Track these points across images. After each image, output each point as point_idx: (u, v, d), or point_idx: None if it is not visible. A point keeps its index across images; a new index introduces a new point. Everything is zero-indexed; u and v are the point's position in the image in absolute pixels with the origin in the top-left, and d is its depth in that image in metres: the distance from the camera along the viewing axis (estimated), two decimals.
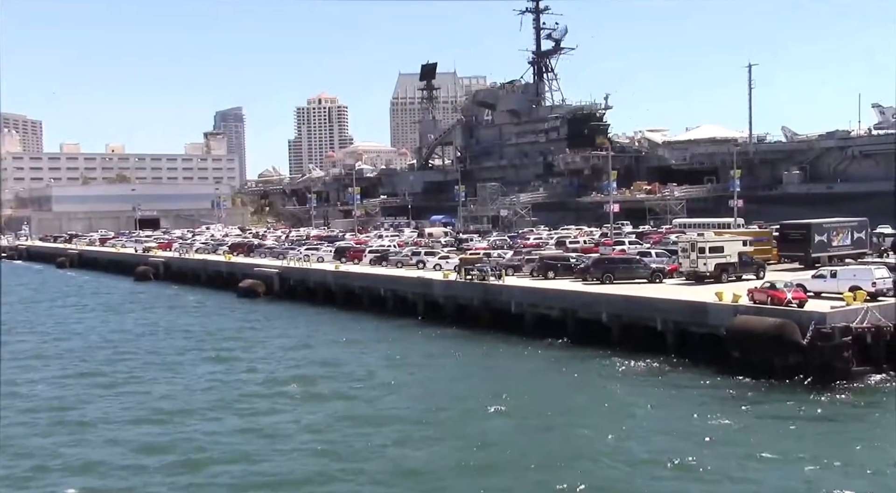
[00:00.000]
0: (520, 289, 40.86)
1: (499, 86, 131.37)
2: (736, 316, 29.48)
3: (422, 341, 40.16)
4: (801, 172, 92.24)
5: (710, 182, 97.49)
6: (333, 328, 45.15)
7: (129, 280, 76.51)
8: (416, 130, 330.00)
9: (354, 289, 52.32)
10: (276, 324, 47.60)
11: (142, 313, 54.21)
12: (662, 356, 32.21)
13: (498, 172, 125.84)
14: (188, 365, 36.25)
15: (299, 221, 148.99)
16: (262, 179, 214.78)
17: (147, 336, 44.56)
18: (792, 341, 27.10)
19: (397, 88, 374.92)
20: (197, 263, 73.80)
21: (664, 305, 33.20)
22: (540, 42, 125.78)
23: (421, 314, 45.90)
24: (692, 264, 39.69)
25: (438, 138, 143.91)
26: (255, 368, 34.95)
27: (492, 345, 37.94)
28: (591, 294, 37.07)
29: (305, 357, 37.06)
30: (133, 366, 36.18)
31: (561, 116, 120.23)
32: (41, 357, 38.43)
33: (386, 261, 57.28)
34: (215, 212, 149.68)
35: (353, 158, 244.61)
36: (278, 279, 59.26)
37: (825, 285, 31.85)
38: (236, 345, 40.72)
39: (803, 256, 44.52)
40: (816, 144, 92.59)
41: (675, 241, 59.33)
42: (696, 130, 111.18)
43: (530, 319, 39.53)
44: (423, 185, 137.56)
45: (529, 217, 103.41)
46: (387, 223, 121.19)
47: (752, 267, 40.26)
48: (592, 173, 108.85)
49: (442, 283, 45.47)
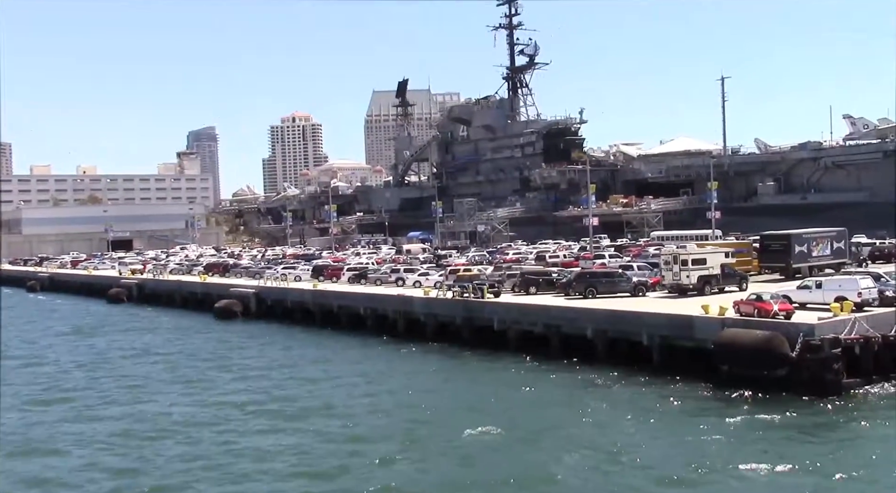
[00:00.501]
0: (502, 305, 40.29)
1: (474, 102, 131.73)
2: (723, 329, 29.12)
3: (402, 359, 39.45)
4: (776, 184, 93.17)
5: (685, 194, 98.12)
6: (312, 348, 44.32)
7: (102, 303, 74.94)
8: (391, 147, 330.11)
9: (333, 308, 51.46)
10: (253, 344, 46.62)
11: (114, 336, 52.90)
12: (649, 371, 31.75)
13: (474, 187, 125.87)
14: (162, 387, 35.26)
15: (275, 239, 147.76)
16: (237, 199, 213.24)
17: (120, 359, 43.39)
18: (781, 354, 26.77)
19: (371, 106, 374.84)
20: (171, 284, 72.48)
21: (650, 319, 32.79)
22: (514, 58, 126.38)
23: (401, 332, 45.19)
24: (675, 276, 39.41)
25: (414, 155, 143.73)
26: (232, 388, 34.06)
27: (475, 362, 37.36)
28: (576, 309, 36.60)
29: (284, 377, 36.26)
30: (105, 389, 35.15)
31: (536, 130, 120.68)
32: (9, 384, 37.14)
33: (365, 279, 56.53)
34: (189, 232, 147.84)
35: (328, 175, 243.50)
36: (255, 299, 58.23)
37: (810, 295, 31.65)
38: (212, 366, 39.78)
39: (784, 266, 44.49)
40: (790, 155, 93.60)
41: (655, 253, 59.44)
42: (670, 143, 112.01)
43: (514, 335, 38.93)
44: (400, 201, 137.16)
45: (507, 232, 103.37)
46: (363, 240, 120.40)
47: (735, 279, 40.10)
48: (569, 187, 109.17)
49: (423, 300, 44.81)
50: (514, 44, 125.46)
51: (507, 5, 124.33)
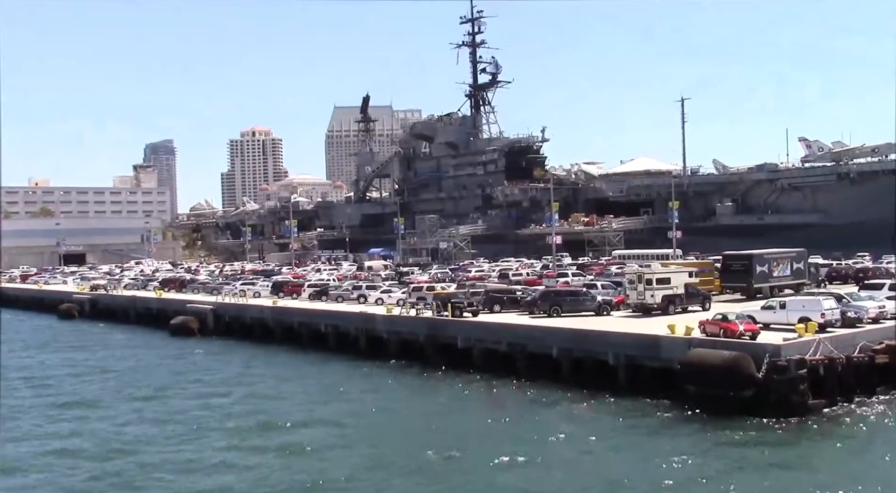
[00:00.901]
0: (467, 323, 39.81)
1: (436, 118, 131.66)
2: (690, 349, 29.00)
3: (364, 378, 38.71)
4: (734, 204, 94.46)
5: (646, 214, 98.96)
6: (271, 366, 43.30)
7: (52, 318, 72.71)
8: (352, 162, 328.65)
9: (294, 325, 50.49)
10: (209, 362, 45.47)
11: (64, 353, 51.20)
12: (615, 391, 31.51)
13: (436, 204, 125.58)
14: (110, 407, 34.12)
15: (233, 255, 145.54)
16: (195, 213, 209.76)
17: (68, 377, 41.90)
18: (747, 375, 26.69)
19: (332, 121, 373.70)
20: (126, 299, 70.61)
21: (616, 338, 32.60)
22: (477, 75, 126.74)
23: (363, 350, 44.48)
24: (639, 295, 39.36)
25: (376, 171, 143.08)
26: (183, 409, 32.93)
27: (438, 381, 36.85)
28: (541, 328, 36.29)
29: (240, 395, 35.32)
30: (48, 407, 34.01)
31: (498, 148, 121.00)
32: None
33: (326, 295, 55.67)
34: (145, 246, 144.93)
35: (288, 191, 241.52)
36: (213, 316, 56.92)
37: (775, 316, 31.75)
38: (165, 384, 38.65)
39: (745, 286, 44.79)
40: (747, 176, 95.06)
41: (618, 272, 59.62)
42: (631, 163, 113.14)
43: (478, 354, 38.45)
44: (361, 218, 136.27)
45: (469, 249, 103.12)
46: (324, 257, 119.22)
47: (699, 298, 40.21)
48: (531, 205, 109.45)
49: (386, 318, 44.15)
50: (476, 61, 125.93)
51: (470, 23, 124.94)
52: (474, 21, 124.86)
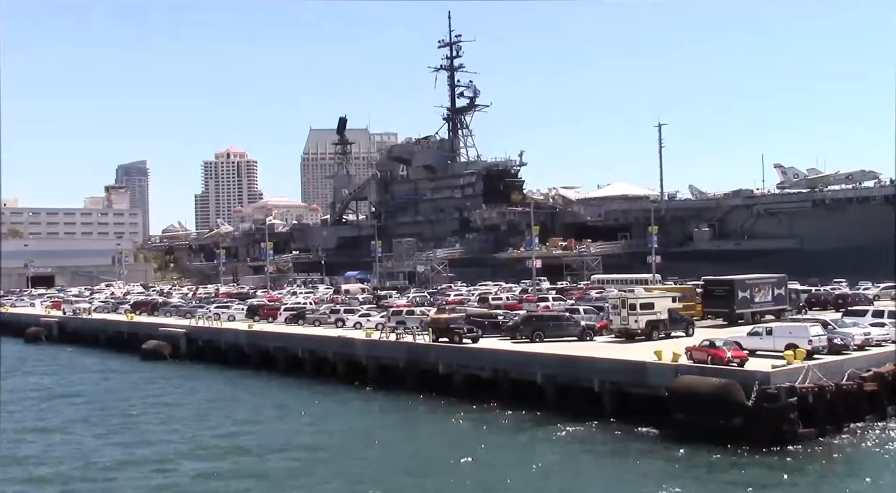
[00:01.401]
0: (448, 348, 39.03)
1: (414, 141, 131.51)
2: (677, 376, 28.49)
3: (342, 404, 37.75)
4: (711, 229, 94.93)
5: (624, 238, 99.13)
6: (245, 392, 42.17)
7: (18, 343, 70.61)
8: (328, 185, 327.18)
9: (269, 350, 49.35)
10: (180, 388, 44.28)
11: (28, 379, 49.62)
12: (600, 419, 30.89)
13: (413, 227, 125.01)
14: (75, 434, 32.92)
15: (206, 277, 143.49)
16: (168, 235, 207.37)
17: (27, 403, 40.45)
18: (736, 403, 26.20)
19: (308, 144, 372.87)
20: (95, 323, 68.86)
21: (601, 364, 32.00)
22: (455, 99, 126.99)
23: (341, 376, 43.50)
24: (623, 320, 38.90)
25: (353, 193, 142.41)
26: (149, 439, 31.75)
27: (418, 408, 36.08)
28: (525, 354, 35.60)
29: (213, 422, 34.35)
30: (13, 433, 32.81)
31: (476, 171, 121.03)
32: None
33: (303, 319, 54.59)
34: (116, 268, 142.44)
35: (263, 213, 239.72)
36: (185, 340, 55.54)
37: (761, 342, 31.39)
38: (133, 410, 37.47)
39: (727, 312, 44.50)
40: (724, 202, 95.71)
41: (598, 297, 59.28)
42: (608, 188, 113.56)
43: (460, 380, 37.70)
44: (337, 240, 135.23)
45: (446, 273, 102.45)
46: (299, 280, 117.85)
47: (682, 324, 39.84)
48: (509, 229, 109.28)
49: (365, 342, 43.21)
50: (454, 85, 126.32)
51: (448, 47, 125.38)
52: (452, 45, 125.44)
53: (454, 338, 39.24)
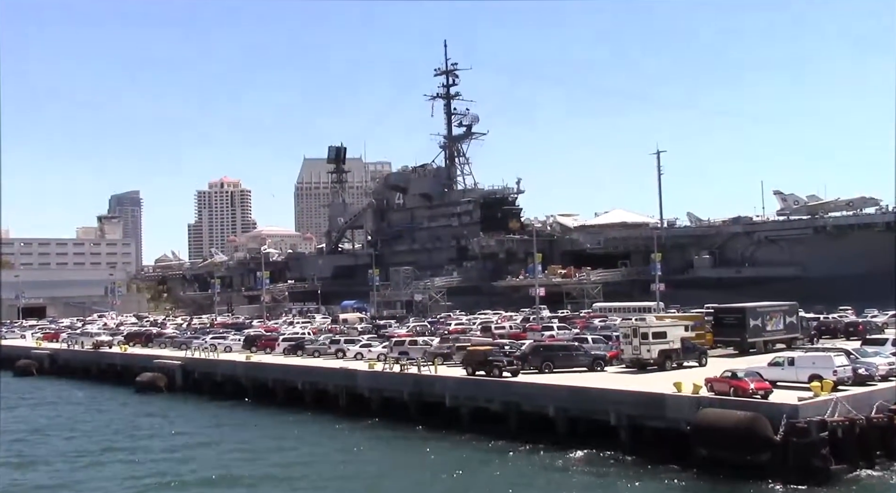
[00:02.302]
0: (454, 380, 37.76)
1: (411, 169, 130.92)
2: (699, 409, 27.28)
3: (344, 438, 36.39)
4: (711, 257, 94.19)
5: (623, 266, 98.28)
6: (243, 426, 40.73)
7: (7, 376, 68.83)
8: (322, 214, 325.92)
9: (268, 382, 47.95)
10: (175, 422, 42.80)
11: (15, 412, 48.07)
12: (616, 453, 29.66)
13: (410, 255, 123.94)
14: (62, 467, 31.63)
15: (200, 307, 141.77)
16: (161, 264, 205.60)
17: (15, 438, 38.95)
18: (763, 437, 25.01)
19: (302, 173, 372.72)
20: (88, 355, 67.22)
21: (617, 396, 30.77)
22: (451, 127, 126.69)
23: (343, 408, 42.14)
24: (635, 350, 37.74)
25: (349, 222, 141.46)
26: (150, 470, 30.55)
27: (424, 442, 34.64)
28: (535, 386, 34.34)
29: (210, 457, 33.09)
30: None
31: (473, 199, 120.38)
32: None
33: (302, 350, 53.24)
34: (109, 299, 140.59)
35: (257, 242, 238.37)
36: (181, 372, 54.10)
37: (783, 373, 30.24)
38: (127, 445, 36.16)
39: (739, 341, 43.42)
40: (725, 229, 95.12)
41: (602, 325, 58.23)
42: (606, 216, 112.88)
43: (467, 413, 36.42)
44: (333, 269, 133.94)
45: (444, 302, 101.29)
46: (295, 309, 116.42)
47: (695, 353, 38.69)
48: (507, 257, 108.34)
49: (367, 374, 41.89)
50: (451, 113, 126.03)
51: (444, 75, 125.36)
52: (448, 73, 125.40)
53: (494, 372, 36.13)
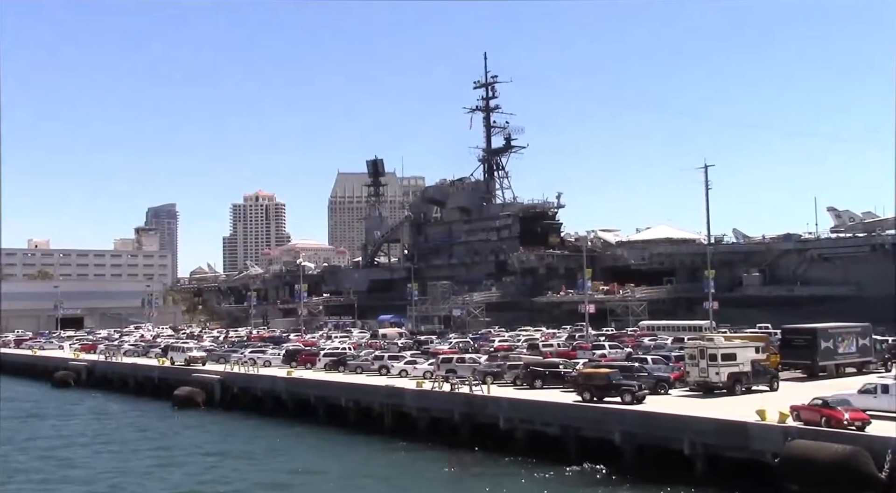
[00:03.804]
0: (509, 401, 35.71)
1: (449, 183, 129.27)
2: (787, 440, 24.94)
3: (392, 462, 34.54)
4: (761, 275, 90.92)
5: (668, 283, 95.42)
6: (286, 445, 39.10)
7: (45, 387, 68.15)
8: (355, 228, 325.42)
9: (310, 398, 46.28)
10: (216, 438, 41.41)
11: (49, 421, 47.10)
12: (690, 485, 27.38)
13: (447, 270, 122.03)
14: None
15: (236, 320, 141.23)
16: (197, 277, 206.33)
17: (57, 450, 37.64)
18: (865, 475, 22.66)
19: (336, 187, 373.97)
20: (125, 367, 66.22)
21: (692, 423, 28.48)
22: (490, 140, 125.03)
23: (389, 428, 40.30)
24: (702, 372, 35.41)
25: (385, 235, 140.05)
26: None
27: (476, 467, 32.65)
28: (599, 409, 32.15)
29: (253, 481, 31.35)
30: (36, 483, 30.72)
31: (512, 213, 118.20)
32: None
33: (344, 366, 51.61)
34: (145, 310, 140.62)
35: (291, 255, 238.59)
36: (220, 387, 52.67)
37: (876, 401, 27.73)
38: (164, 464, 34.51)
39: (809, 364, 40.83)
40: (775, 246, 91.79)
41: (660, 344, 55.88)
42: (649, 231, 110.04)
43: (522, 436, 34.36)
44: (369, 283, 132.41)
45: (483, 317, 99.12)
46: (331, 322, 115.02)
47: (766, 377, 36.29)
48: (547, 272, 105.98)
49: (415, 393, 40.02)
50: (490, 126, 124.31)
51: (484, 88, 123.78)
52: (488, 86, 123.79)
53: (625, 397, 32.35)
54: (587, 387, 33.75)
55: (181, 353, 62.91)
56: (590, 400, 33.06)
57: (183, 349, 64.25)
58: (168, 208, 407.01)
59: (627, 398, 32.38)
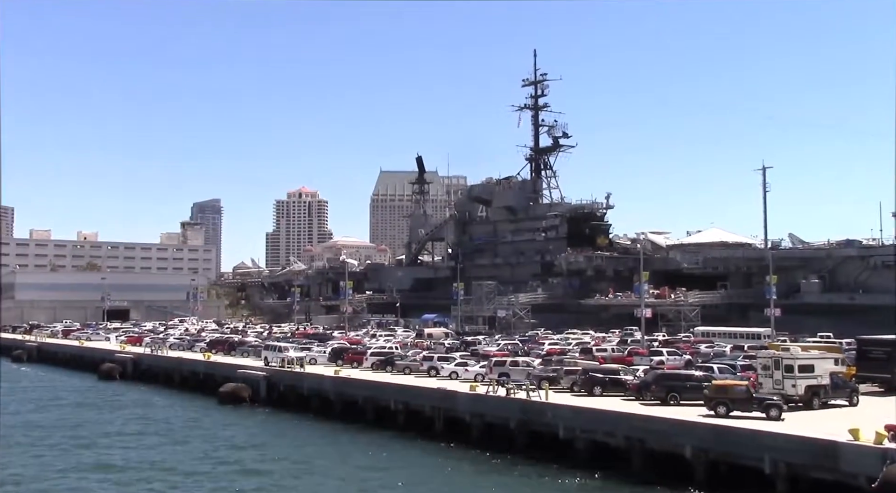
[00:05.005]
0: (570, 409, 33.94)
1: (495, 181, 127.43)
2: (887, 464, 22.82)
3: (443, 467, 33.15)
4: (821, 281, 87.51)
5: (723, 288, 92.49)
6: (335, 447, 37.90)
7: (91, 378, 68.11)
8: (396, 226, 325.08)
9: (358, 399, 45.03)
10: (263, 437, 40.43)
11: (96, 413, 46.55)
12: None
13: (492, 270, 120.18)
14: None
15: (278, 315, 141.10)
16: (240, 271, 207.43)
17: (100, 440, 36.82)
18: None
19: (378, 185, 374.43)
20: (171, 361, 65.87)
21: (772, 440, 26.43)
22: (538, 139, 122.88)
23: (439, 433, 38.83)
24: (776, 384, 33.22)
25: (430, 233, 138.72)
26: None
27: (534, 477, 31.01)
28: (668, 421, 30.21)
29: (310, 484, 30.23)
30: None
31: (560, 214, 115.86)
32: None
33: (392, 366, 50.29)
34: (191, 304, 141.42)
35: (333, 252, 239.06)
36: (265, 384, 51.76)
37: None
38: (212, 464, 33.30)
39: (889, 377, 38.28)
40: (836, 252, 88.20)
41: (720, 352, 53.66)
42: (702, 234, 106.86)
43: (583, 447, 32.58)
44: (412, 281, 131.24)
45: (528, 319, 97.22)
46: (373, 320, 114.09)
47: (846, 391, 33.98)
48: (595, 274, 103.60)
49: (469, 397, 38.43)
50: (538, 125, 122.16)
51: (533, 86, 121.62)
52: (537, 84, 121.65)
53: (771, 412, 29.54)
54: (721, 401, 30.66)
55: (277, 353, 55.08)
56: (725, 415, 30.06)
57: (279, 349, 56.19)
58: (213, 204, 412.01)
59: (774, 413, 29.49)
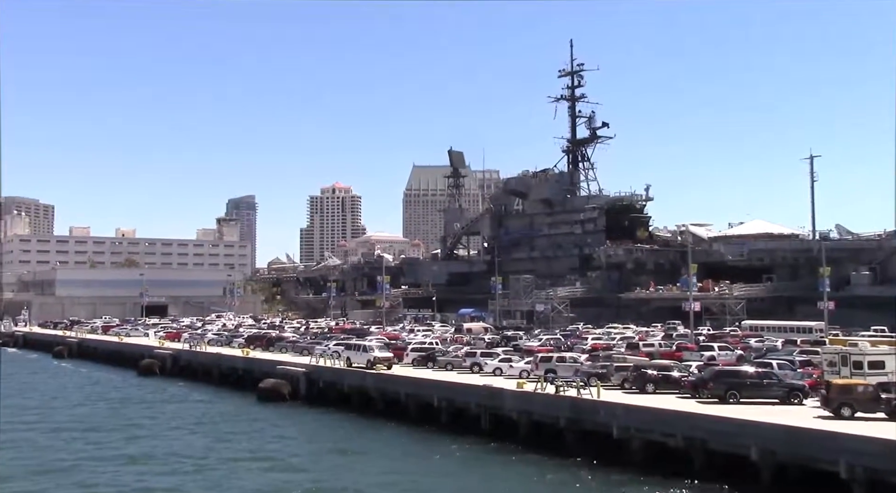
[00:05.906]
0: (623, 407, 32.52)
1: (531, 174, 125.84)
2: None
3: (491, 467, 32.01)
4: (871, 273, 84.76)
5: (769, 280, 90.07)
6: (381, 446, 36.85)
7: (131, 374, 68.05)
8: (429, 221, 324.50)
9: (400, 396, 43.95)
10: (306, 435, 39.65)
11: (142, 409, 46.01)
12: None
13: (528, 263, 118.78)
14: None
15: (314, 310, 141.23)
16: (275, 267, 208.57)
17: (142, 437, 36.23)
18: None
19: (411, 180, 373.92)
20: (209, 357, 65.47)
21: (850, 443, 24.79)
22: (575, 130, 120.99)
23: (485, 431, 37.62)
24: None
25: (465, 227, 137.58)
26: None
27: (589, 479, 29.63)
28: (731, 421, 28.65)
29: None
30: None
31: (598, 206, 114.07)
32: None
33: (433, 362, 49.20)
34: (228, 300, 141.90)
35: (367, 247, 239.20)
36: (305, 380, 50.97)
37: None
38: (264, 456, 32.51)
39: None
40: (886, 243, 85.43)
41: (772, 346, 51.77)
42: (744, 226, 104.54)
43: (639, 447, 31.15)
44: (448, 276, 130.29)
45: (567, 313, 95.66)
46: (409, 315, 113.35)
47: None
48: (635, 267, 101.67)
49: (516, 394, 37.17)
50: (575, 116, 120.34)
51: (570, 77, 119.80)
52: (574, 75, 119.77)
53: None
54: (845, 402, 28.65)
55: (362, 353, 49.91)
56: (850, 417, 28.04)
57: (365, 349, 50.98)
58: (247, 200, 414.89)
59: None
